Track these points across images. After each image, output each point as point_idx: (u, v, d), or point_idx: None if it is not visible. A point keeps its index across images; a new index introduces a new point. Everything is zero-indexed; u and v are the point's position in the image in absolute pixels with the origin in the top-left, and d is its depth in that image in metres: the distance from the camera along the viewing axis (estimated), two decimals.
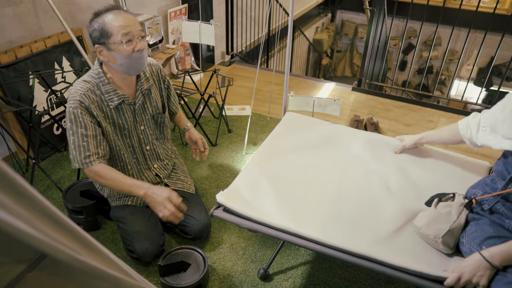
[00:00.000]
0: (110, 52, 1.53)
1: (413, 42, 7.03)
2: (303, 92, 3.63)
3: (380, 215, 1.46)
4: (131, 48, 1.53)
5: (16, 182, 0.64)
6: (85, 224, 1.96)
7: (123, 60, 1.54)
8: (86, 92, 1.57)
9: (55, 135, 2.56)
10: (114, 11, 1.53)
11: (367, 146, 1.85)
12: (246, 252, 1.89)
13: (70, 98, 1.56)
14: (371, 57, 3.92)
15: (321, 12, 7.40)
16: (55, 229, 0.72)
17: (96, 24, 1.51)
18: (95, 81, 1.60)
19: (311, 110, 2.45)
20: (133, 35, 1.52)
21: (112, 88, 1.62)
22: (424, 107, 3.51)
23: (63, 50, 2.49)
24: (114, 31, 1.50)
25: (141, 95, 1.73)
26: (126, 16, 1.54)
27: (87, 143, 1.57)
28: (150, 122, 1.81)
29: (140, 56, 1.57)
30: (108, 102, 1.62)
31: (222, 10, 4.02)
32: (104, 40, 1.51)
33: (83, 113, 1.55)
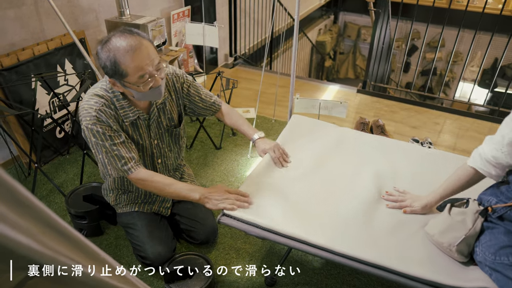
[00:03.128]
0: (125, 88, 1.43)
1: (416, 44, 6.99)
2: (307, 94, 3.60)
3: (391, 221, 1.42)
4: (148, 87, 1.42)
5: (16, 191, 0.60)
6: (88, 229, 1.92)
7: (139, 96, 1.46)
8: (101, 107, 1.46)
9: (57, 138, 2.52)
10: (127, 40, 1.34)
11: (376, 150, 1.81)
12: (253, 258, 1.85)
13: (85, 115, 1.45)
14: (376, 59, 3.89)
15: (324, 14, 7.37)
16: (59, 241, 0.69)
17: (108, 61, 1.35)
18: (109, 95, 1.49)
19: (317, 112, 2.41)
20: (150, 73, 1.39)
21: (128, 104, 1.52)
22: (430, 109, 3.47)
23: (66, 53, 2.46)
24: (129, 72, 1.36)
25: (156, 110, 1.62)
26: (141, 50, 1.35)
27: (118, 151, 1.48)
28: (164, 135, 1.72)
29: (158, 91, 1.47)
30: (123, 118, 1.53)
31: (225, 12, 4.00)
32: (118, 78, 1.39)
33: (102, 127, 1.46)
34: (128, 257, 1.85)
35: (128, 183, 1.74)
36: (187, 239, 1.89)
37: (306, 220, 1.40)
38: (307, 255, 1.87)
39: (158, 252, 1.68)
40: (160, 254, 1.68)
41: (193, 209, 1.85)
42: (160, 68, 1.44)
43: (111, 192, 1.81)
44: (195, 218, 1.83)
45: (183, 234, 1.90)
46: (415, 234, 1.37)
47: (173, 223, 1.90)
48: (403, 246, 1.32)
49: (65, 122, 2.55)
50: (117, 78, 1.40)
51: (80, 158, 2.49)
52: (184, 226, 1.85)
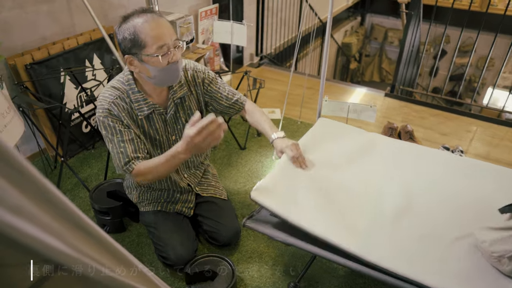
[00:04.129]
0: (142, 64, 1.41)
1: (446, 48, 6.80)
2: (334, 97, 3.53)
3: (422, 230, 1.35)
4: (166, 61, 1.40)
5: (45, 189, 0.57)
6: (111, 225, 1.92)
7: (157, 73, 1.42)
8: (115, 100, 1.46)
9: (83, 133, 2.54)
10: (147, 16, 1.36)
11: (407, 158, 1.74)
12: (275, 263, 1.81)
13: (99, 106, 1.47)
14: (406, 63, 3.78)
15: (351, 16, 7.25)
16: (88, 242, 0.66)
17: (126, 33, 1.35)
18: (125, 88, 1.49)
19: (345, 115, 2.35)
20: (169, 46, 1.39)
21: (142, 97, 1.50)
22: (461, 115, 3.35)
23: (95, 48, 2.47)
24: (148, 41, 1.35)
25: (173, 104, 1.59)
26: (160, 23, 1.37)
27: (124, 148, 1.47)
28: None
29: (176, 68, 1.44)
30: (138, 111, 1.52)
31: (253, 10, 3.96)
32: (136, 50, 1.37)
33: (113, 121, 1.46)
34: (149, 255, 1.84)
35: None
36: (209, 240, 1.86)
37: (333, 224, 1.34)
38: (331, 262, 1.81)
39: (180, 254, 1.66)
40: (182, 256, 1.66)
41: (218, 211, 1.82)
42: (177, 46, 1.43)
43: (135, 190, 1.80)
44: (219, 220, 1.80)
45: (205, 235, 1.87)
46: (450, 245, 1.29)
47: (195, 223, 1.88)
48: (435, 257, 1.25)
49: (92, 117, 2.56)
50: (135, 52, 1.38)
51: (105, 153, 2.50)
52: (207, 227, 1.82)
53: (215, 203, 1.84)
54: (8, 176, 0.49)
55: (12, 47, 2.12)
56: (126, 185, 1.83)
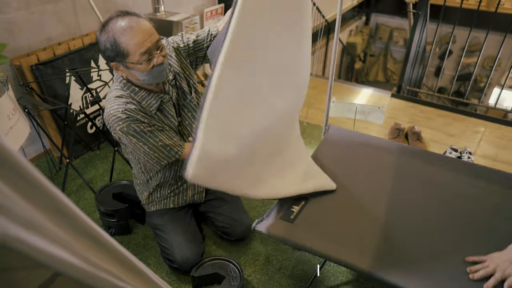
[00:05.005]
0: (128, 70, 1.41)
1: (451, 48, 6.75)
2: (340, 97, 3.49)
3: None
4: (151, 65, 1.39)
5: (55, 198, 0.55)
6: (116, 227, 1.90)
7: (144, 76, 1.42)
8: (126, 106, 1.44)
9: (88, 133, 2.52)
10: (125, 21, 1.33)
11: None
12: (283, 266, 1.79)
13: (114, 120, 1.42)
14: (412, 63, 3.75)
15: (356, 15, 7.21)
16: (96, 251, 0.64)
17: (108, 43, 1.34)
18: (126, 93, 1.47)
19: (353, 116, 2.32)
20: (151, 50, 1.37)
21: (146, 94, 1.50)
22: (469, 116, 3.31)
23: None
24: (130, 50, 1.34)
25: (170, 87, 1.58)
26: (139, 27, 1.35)
27: (161, 141, 1.47)
28: (190, 105, 1.65)
29: (161, 69, 1.43)
30: (149, 107, 1.50)
31: None
32: (120, 59, 1.37)
33: (137, 124, 1.44)
34: (155, 258, 1.82)
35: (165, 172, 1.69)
36: (222, 235, 1.86)
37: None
38: (340, 267, 1.79)
39: (186, 257, 1.64)
40: (188, 259, 1.65)
41: (229, 206, 1.83)
42: (160, 46, 1.42)
43: (146, 188, 1.76)
44: (232, 215, 1.81)
45: (218, 232, 1.87)
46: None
47: (206, 220, 1.89)
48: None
49: (97, 118, 2.55)
50: (119, 60, 1.38)
51: (110, 154, 2.48)
52: (220, 223, 1.82)
53: (225, 199, 1.84)
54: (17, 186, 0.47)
55: (18, 48, 2.11)
56: (136, 183, 1.79)
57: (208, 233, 1.94)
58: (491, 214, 1.46)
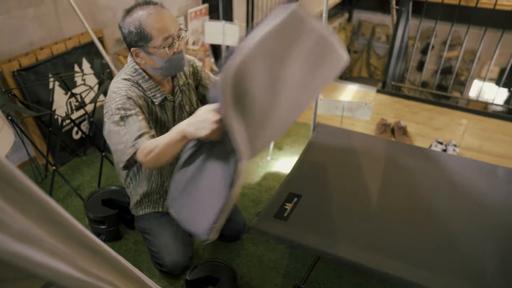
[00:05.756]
0: (149, 56, 1.42)
1: (434, 43, 6.86)
2: (326, 94, 3.51)
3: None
4: (172, 52, 1.41)
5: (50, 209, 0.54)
6: (106, 234, 1.88)
7: (163, 64, 1.43)
8: (130, 88, 1.43)
9: (74, 139, 2.48)
10: (150, 8, 1.38)
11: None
12: (276, 266, 1.79)
13: (113, 98, 1.39)
14: (396, 58, 3.79)
15: (338, 12, 7.26)
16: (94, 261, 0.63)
17: (132, 26, 1.36)
18: (134, 78, 1.47)
19: (340, 114, 2.34)
20: (173, 37, 1.40)
21: (154, 85, 1.49)
22: (452, 109, 3.37)
23: (84, 52, 2.42)
24: (154, 34, 1.36)
25: (179, 91, 1.60)
26: (164, 14, 1.39)
27: (140, 122, 1.38)
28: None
29: (181, 57, 1.45)
30: (152, 98, 1.50)
31: (243, 10, 3.93)
32: (142, 43, 1.38)
33: (131, 105, 1.39)
34: (147, 263, 1.80)
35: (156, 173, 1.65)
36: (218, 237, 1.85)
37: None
38: (333, 263, 1.80)
39: (175, 260, 1.63)
40: (177, 262, 1.64)
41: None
42: (181, 35, 1.44)
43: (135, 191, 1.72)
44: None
45: None
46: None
47: None
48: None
49: (82, 123, 2.51)
50: (141, 45, 1.39)
51: (97, 159, 2.45)
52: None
53: None
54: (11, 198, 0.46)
55: None
56: (126, 185, 1.75)
57: None
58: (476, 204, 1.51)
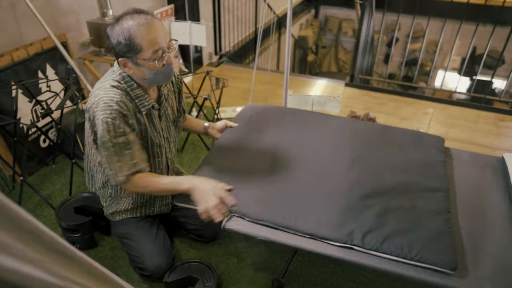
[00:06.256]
0: (137, 67, 1.39)
1: (398, 35, 7.05)
2: (296, 90, 3.56)
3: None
4: (162, 64, 1.39)
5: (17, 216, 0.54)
6: (81, 242, 1.84)
7: (151, 75, 1.41)
8: (122, 99, 1.39)
9: (42, 148, 2.42)
10: (140, 18, 1.33)
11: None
12: (255, 261, 1.81)
13: (103, 107, 1.36)
14: (362, 52, 3.88)
15: (305, 9, 7.34)
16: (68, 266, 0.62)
17: (121, 37, 1.32)
18: (123, 86, 1.43)
19: (310, 108, 2.38)
20: (163, 49, 1.37)
21: (142, 93, 1.47)
22: (418, 99, 3.48)
23: (47, 58, 2.35)
24: (144, 46, 1.33)
25: (164, 100, 1.59)
26: (154, 25, 1.35)
27: (131, 150, 1.41)
28: (171, 128, 1.68)
29: (169, 69, 1.44)
30: (140, 107, 1.47)
31: (209, 9, 3.92)
32: (131, 55, 1.35)
33: (123, 123, 1.39)
34: (125, 268, 1.78)
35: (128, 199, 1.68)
36: (195, 238, 1.86)
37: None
38: (310, 254, 1.83)
39: (158, 263, 1.62)
40: (160, 265, 1.62)
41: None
42: (171, 46, 1.43)
43: (109, 199, 1.70)
44: None
45: (190, 235, 1.87)
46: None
47: (177, 224, 1.86)
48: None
49: (50, 130, 2.44)
50: (130, 56, 1.36)
51: (67, 167, 2.39)
52: (192, 226, 1.81)
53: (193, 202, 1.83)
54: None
55: None
56: (101, 195, 1.73)
57: (178, 237, 1.93)
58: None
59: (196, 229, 1.81)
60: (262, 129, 1.83)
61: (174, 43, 1.45)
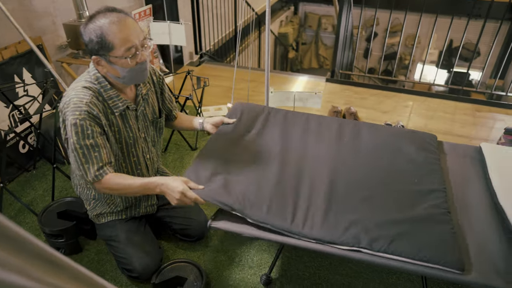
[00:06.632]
0: (110, 65, 1.38)
1: (377, 30, 7.14)
2: (277, 87, 3.58)
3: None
4: (135, 62, 1.38)
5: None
6: (65, 247, 1.81)
7: (125, 73, 1.40)
8: (92, 100, 1.38)
9: (21, 153, 2.37)
10: (113, 16, 1.32)
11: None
12: (242, 259, 1.81)
13: (73, 108, 1.35)
14: (342, 47, 3.92)
15: (284, 6, 7.37)
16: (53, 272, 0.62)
17: (93, 34, 1.32)
18: (96, 87, 1.42)
19: (292, 104, 2.39)
20: (136, 47, 1.36)
21: (116, 94, 1.46)
22: (398, 93, 3.54)
23: (23, 61, 2.30)
24: (116, 44, 1.32)
25: (142, 100, 1.58)
26: (127, 23, 1.34)
27: (99, 153, 1.40)
28: (149, 128, 1.67)
29: (144, 67, 1.43)
30: (113, 108, 1.46)
31: (188, 8, 3.90)
32: (103, 52, 1.34)
33: (92, 124, 1.38)
34: (112, 272, 1.76)
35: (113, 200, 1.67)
36: (182, 238, 1.86)
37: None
38: (297, 249, 1.85)
39: (146, 264, 1.61)
40: (148, 266, 1.62)
41: (185, 207, 1.81)
42: (145, 45, 1.42)
43: (93, 201, 1.69)
44: (189, 216, 1.80)
45: (176, 235, 1.86)
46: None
47: (163, 225, 1.85)
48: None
49: (29, 136, 2.39)
50: (103, 54, 1.35)
51: (49, 172, 2.35)
52: (178, 226, 1.81)
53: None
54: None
55: None
56: (84, 198, 1.71)
57: (164, 238, 1.92)
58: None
59: (182, 228, 1.81)
60: (256, 128, 1.82)
61: (149, 42, 1.44)
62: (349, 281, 1.70)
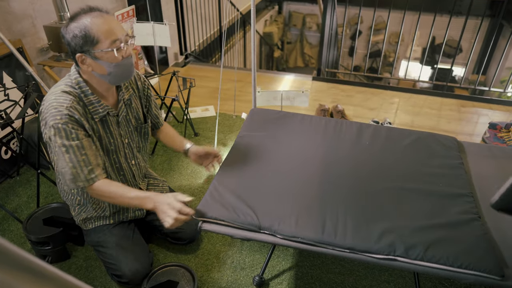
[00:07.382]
0: (96, 61, 1.35)
1: (361, 28, 7.19)
2: (264, 86, 3.57)
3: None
4: (121, 56, 1.36)
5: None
6: (52, 255, 1.77)
7: (112, 69, 1.37)
8: (72, 104, 1.35)
9: (3, 159, 2.30)
10: (94, 14, 1.32)
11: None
12: (234, 260, 1.80)
13: (53, 113, 1.32)
14: (327, 46, 3.93)
15: (268, 5, 7.37)
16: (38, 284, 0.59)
17: (77, 30, 1.30)
18: (76, 91, 1.39)
19: (279, 104, 2.39)
20: (121, 40, 1.35)
21: (96, 99, 1.43)
22: (384, 90, 3.56)
23: (2, 65, 2.24)
24: (101, 37, 1.30)
25: (124, 106, 1.55)
26: (110, 18, 1.34)
27: (86, 156, 1.37)
28: (133, 134, 1.64)
29: (130, 63, 1.41)
30: (93, 114, 1.43)
31: (171, 9, 3.86)
32: (88, 47, 1.32)
33: (74, 127, 1.35)
34: (101, 278, 1.73)
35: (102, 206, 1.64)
36: (173, 241, 1.83)
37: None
38: (289, 249, 1.84)
39: (136, 269, 1.58)
40: (138, 271, 1.58)
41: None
42: (128, 41, 1.40)
43: (79, 208, 1.65)
44: None
45: (167, 238, 1.83)
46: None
47: (153, 229, 1.83)
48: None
49: (11, 141, 2.33)
50: (87, 49, 1.32)
51: (33, 178, 2.30)
52: (169, 229, 1.77)
53: None
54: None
55: None
56: (69, 203, 1.67)
57: (154, 242, 1.89)
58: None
59: (173, 232, 1.78)
60: (274, 135, 1.83)
61: (132, 40, 1.43)
62: (342, 279, 1.70)
